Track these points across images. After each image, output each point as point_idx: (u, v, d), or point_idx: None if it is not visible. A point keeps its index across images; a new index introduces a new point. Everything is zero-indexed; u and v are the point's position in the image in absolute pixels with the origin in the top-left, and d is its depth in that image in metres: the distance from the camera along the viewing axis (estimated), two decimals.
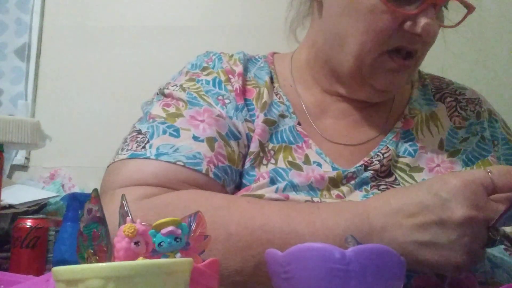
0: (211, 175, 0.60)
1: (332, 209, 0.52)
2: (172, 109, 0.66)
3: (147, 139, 0.62)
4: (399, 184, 0.66)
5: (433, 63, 0.75)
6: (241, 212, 0.53)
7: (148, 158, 0.59)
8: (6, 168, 1.40)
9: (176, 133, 0.63)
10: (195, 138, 0.62)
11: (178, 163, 0.59)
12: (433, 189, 0.48)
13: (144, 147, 0.61)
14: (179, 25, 1.59)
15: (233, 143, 0.65)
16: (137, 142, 0.62)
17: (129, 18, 1.61)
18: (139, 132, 0.64)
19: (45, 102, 1.61)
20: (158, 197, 0.56)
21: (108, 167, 0.63)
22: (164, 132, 0.63)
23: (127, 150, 0.62)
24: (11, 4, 1.63)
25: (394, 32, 0.63)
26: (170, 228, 0.35)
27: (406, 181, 0.66)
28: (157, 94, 0.72)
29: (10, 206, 1.01)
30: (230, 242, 0.50)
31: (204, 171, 0.59)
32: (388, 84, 0.68)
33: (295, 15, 0.78)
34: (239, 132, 0.66)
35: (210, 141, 0.62)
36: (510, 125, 0.81)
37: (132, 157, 0.60)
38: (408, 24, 0.62)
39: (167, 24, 1.59)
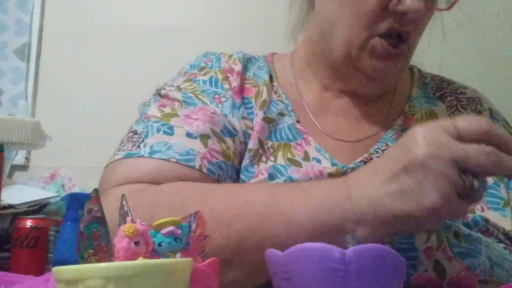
0: (204, 170, 0.60)
1: (312, 182, 0.55)
2: (167, 110, 0.67)
3: (142, 139, 0.63)
4: None
5: (431, 56, 0.75)
6: (225, 193, 0.54)
7: (142, 156, 0.60)
8: (6, 168, 1.40)
9: (170, 130, 0.63)
10: (188, 135, 0.63)
11: (171, 160, 0.60)
12: (400, 142, 0.49)
13: (138, 146, 0.62)
14: (179, 25, 1.58)
15: (228, 139, 0.65)
16: (132, 142, 0.63)
17: (129, 18, 1.61)
18: (135, 132, 0.65)
19: (45, 102, 1.61)
20: (148, 187, 0.57)
21: (105, 168, 0.64)
22: (158, 130, 0.63)
23: (123, 150, 0.63)
24: (11, 4, 1.63)
25: (381, 14, 0.63)
26: (170, 228, 0.35)
27: None
28: (154, 94, 0.73)
29: (10, 206, 1.01)
30: (215, 220, 0.50)
31: (197, 167, 0.60)
32: (378, 70, 0.67)
33: (296, 23, 0.80)
34: (234, 129, 0.67)
35: (203, 137, 0.63)
36: (510, 121, 0.81)
37: (127, 156, 0.61)
38: (393, 3, 0.62)
39: (167, 24, 1.59)
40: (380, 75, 0.68)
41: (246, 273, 0.51)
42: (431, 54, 0.76)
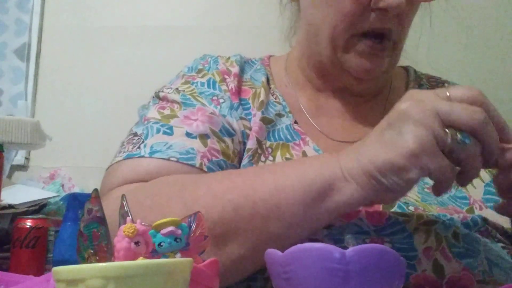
0: (205, 169, 0.61)
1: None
2: (167, 111, 0.67)
3: (142, 140, 0.63)
4: None
5: (418, 45, 0.75)
6: (222, 174, 0.58)
7: (142, 156, 0.61)
8: (6, 168, 1.40)
9: (170, 131, 0.64)
10: (188, 134, 0.63)
11: (171, 159, 0.60)
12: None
13: (139, 147, 0.62)
14: (179, 25, 1.59)
15: (227, 139, 0.66)
16: (132, 143, 0.64)
17: (129, 18, 1.61)
18: (135, 134, 0.66)
19: (45, 102, 1.61)
20: (147, 182, 0.58)
21: (106, 170, 0.65)
22: (158, 131, 0.64)
23: (123, 152, 0.63)
24: (11, 4, 1.63)
25: (363, 13, 0.63)
26: (170, 228, 0.35)
27: None
28: (153, 97, 0.73)
29: (10, 206, 1.01)
30: (210, 195, 0.51)
31: (197, 166, 0.60)
32: (365, 71, 0.67)
33: (288, 28, 0.81)
34: (233, 129, 0.67)
35: (203, 137, 0.64)
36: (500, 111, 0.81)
37: (127, 157, 0.62)
38: (374, 1, 0.62)
39: (167, 24, 1.59)
40: (367, 75, 0.68)
41: (243, 249, 0.50)
42: (418, 45, 0.76)
